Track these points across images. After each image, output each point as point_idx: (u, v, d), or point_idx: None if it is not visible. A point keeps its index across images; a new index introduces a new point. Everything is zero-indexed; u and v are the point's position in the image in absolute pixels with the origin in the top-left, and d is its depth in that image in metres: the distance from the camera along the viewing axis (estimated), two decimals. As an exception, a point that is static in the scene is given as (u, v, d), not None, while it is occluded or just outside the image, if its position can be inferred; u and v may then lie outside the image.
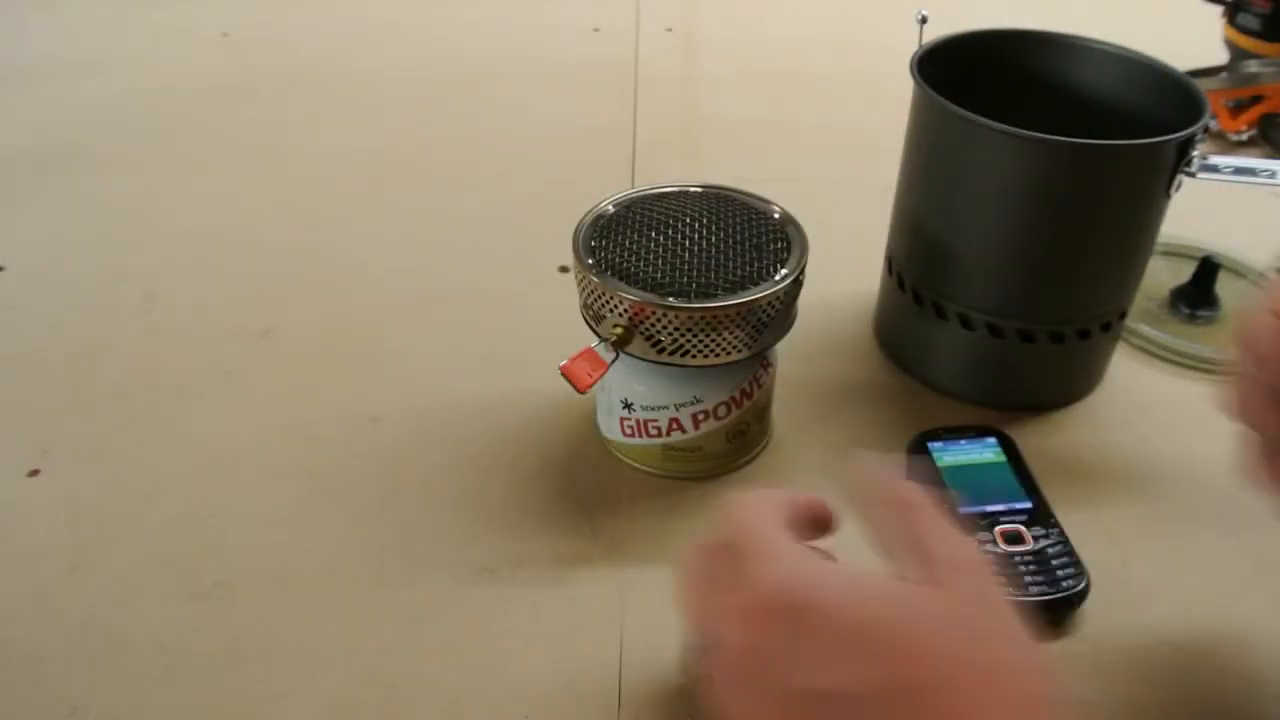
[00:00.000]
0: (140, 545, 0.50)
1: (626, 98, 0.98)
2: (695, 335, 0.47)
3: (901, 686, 0.28)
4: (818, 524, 0.36)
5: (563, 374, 0.47)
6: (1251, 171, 0.54)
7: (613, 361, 0.48)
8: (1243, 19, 0.91)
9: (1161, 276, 0.69)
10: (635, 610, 0.47)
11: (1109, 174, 0.51)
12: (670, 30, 1.15)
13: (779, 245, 0.50)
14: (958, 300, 0.56)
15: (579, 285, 0.50)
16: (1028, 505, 0.50)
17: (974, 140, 0.52)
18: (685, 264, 0.48)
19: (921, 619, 0.29)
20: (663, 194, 0.53)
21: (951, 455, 0.53)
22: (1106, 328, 0.57)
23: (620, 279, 0.47)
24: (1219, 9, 0.93)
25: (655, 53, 1.08)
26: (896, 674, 0.28)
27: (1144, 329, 0.65)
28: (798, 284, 0.49)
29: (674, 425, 0.51)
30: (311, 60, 1.08)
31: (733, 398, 0.51)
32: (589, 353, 0.48)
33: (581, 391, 0.47)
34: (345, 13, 1.20)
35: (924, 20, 0.57)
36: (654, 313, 0.46)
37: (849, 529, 0.34)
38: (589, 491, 0.53)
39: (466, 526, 0.51)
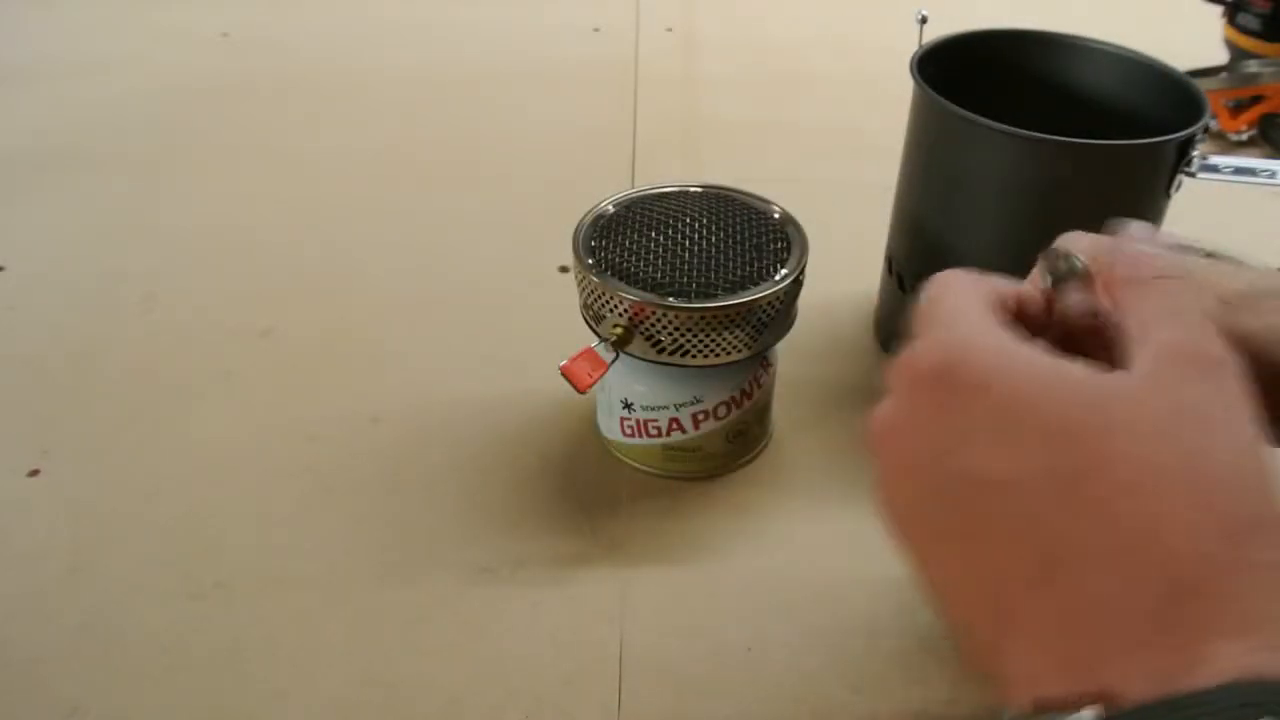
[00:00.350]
0: (140, 545, 0.50)
1: (626, 98, 0.98)
2: (695, 335, 0.47)
3: (1060, 480, 0.23)
4: (1022, 314, 0.30)
5: (563, 374, 0.47)
6: (1251, 171, 0.54)
7: (613, 361, 0.48)
8: (1243, 19, 0.90)
9: (1161, 276, 0.69)
10: (635, 610, 0.47)
11: (1109, 174, 0.51)
12: (670, 30, 1.15)
13: (779, 245, 0.50)
14: (958, 300, 0.56)
15: (579, 285, 0.50)
16: (1028, 505, 0.50)
17: (974, 140, 0.52)
18: (685, 264, 0.48)
19: (1100, 407, 0.24)
20: (663, 194, 0.53)
21: (951, 455, 0.53)
22: (1106, 328, 0.57)
23: (620, 279, 0.47)
24: (1219, 9, 0.93)
25: (655, 53, 1.08)
26: (1055, 465, 0.23)
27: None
28: (798, 284, 0.49)
29: (674, 425, 0.51)
30: (311, 60, 1.08)
31: (733, 398, 0.51)
32: (589, 353, 0.48)
33: (581, 391, 0.47)
34: (345, 13, 1.20)
35: (924, 20, 0.57)
36: (654, 313, 0.46)
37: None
38: (589, 491, 0.53)
39: (466, 526, 0.51)
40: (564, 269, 0.70)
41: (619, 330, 0.47)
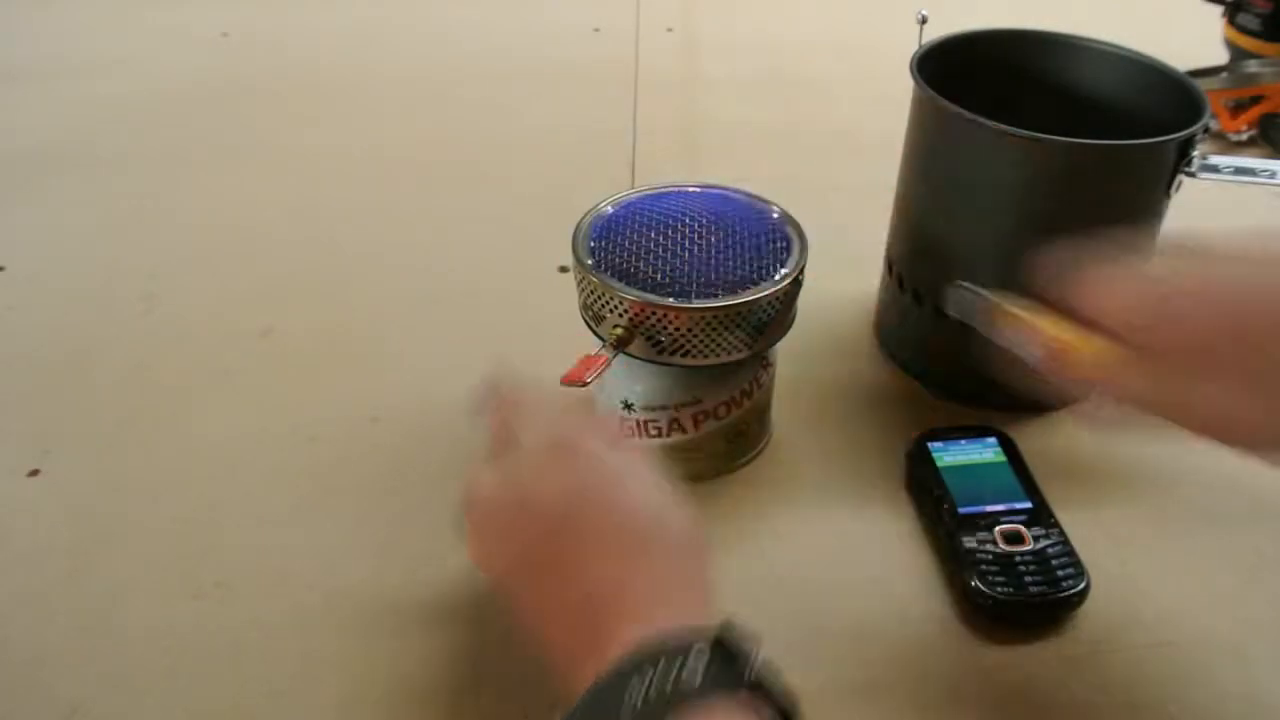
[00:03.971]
0: (140, 545, 0.50)
1: (626, 98, 0.97)
2: (695, 335, 0.47)
3: (539, 541, 0.37)
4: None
5: (563, 383, 0.47)
6: (1251, 171, 0.54)
7: (612, 359, 0.48)
8: (1243, 19, 0.91)
9: (1161, 276, 0.69)
10: (635, 610, 0.47)
11: (1109, 174, 0.51)
12: (670, 30, 1.15)
13: (779, 245, 0.50)
14: (958, 300, 0.56)
15: (579, 285, 0.50)
16: (1028, 505, 0.50)
17: (974, 140, 0.52)
18: (685, 264, 0.48)
19: (548, 491, 0.37)
20: (663, 194, 0.53)
21: (951, 455, 0.53)
22: (1106, 328, 0.57)
23: (620, 279, 0.47)
24: (1219, 9, 0.93)
25: (655, 53, 1.08)
26: (538, 532, 0.37)
27: (1144, 329, 0.64)
28: (797, 284, 0.49)
29: (674, 425, 0.51)
30: (311, 60, 1.08)
31: (733, 398, 0.51)
32: (585, 360, 0.48)
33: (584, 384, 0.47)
34: (345, 13, 1.20)
35: (924, 20, 0.57)
36: (654, 313, 0.46)
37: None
38: (589, 491, 0.53)
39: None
40: (564, 269, 0.70)
41: (619, 330, 0.47)
